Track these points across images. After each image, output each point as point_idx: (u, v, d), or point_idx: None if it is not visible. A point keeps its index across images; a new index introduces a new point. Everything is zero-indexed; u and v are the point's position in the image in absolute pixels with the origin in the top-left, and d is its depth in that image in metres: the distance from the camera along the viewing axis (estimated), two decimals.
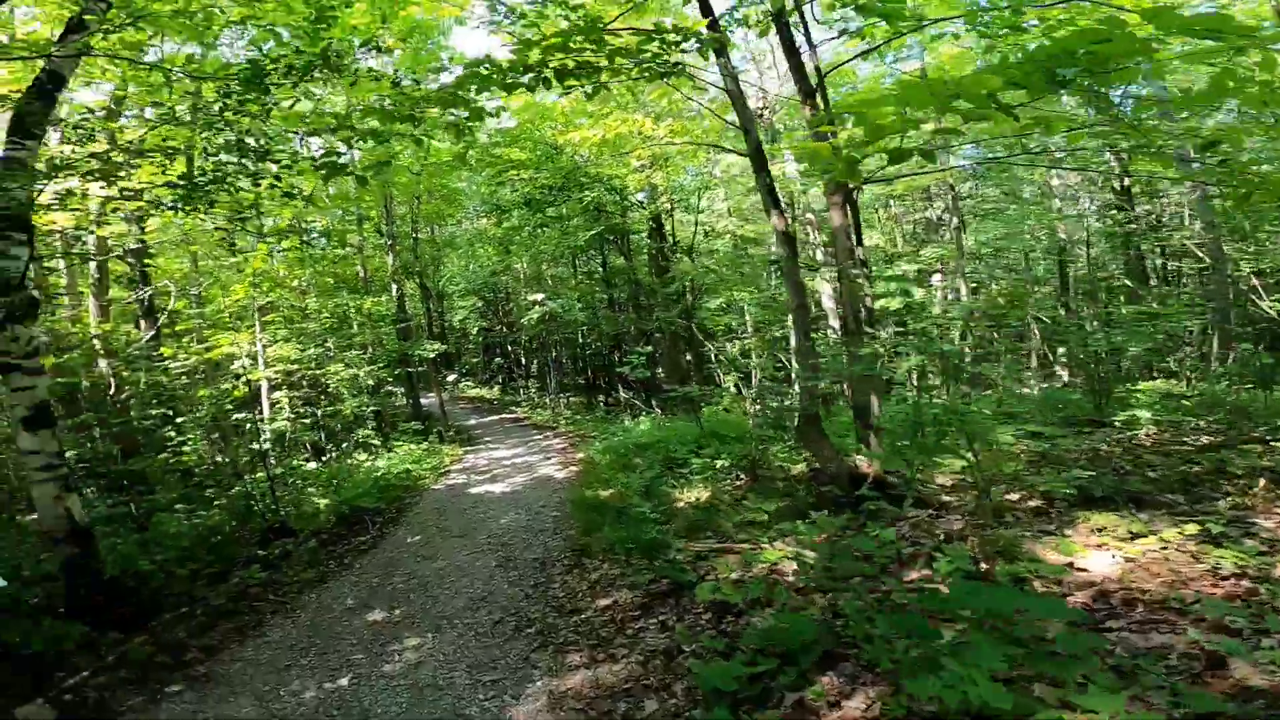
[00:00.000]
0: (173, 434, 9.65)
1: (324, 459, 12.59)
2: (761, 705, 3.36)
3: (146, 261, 12.74)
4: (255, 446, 12.86)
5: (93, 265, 11.75)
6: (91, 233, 11.08)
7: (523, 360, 30.59)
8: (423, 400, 27.66)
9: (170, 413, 10.53)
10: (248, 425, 12.70)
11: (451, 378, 32.98)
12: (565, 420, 18.14)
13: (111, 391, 11.38)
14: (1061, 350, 16.68)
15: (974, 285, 16.85)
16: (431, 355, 15.77)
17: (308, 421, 13.46)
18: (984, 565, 4.37)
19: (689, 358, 18.15)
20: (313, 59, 5.72)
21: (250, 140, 6.24)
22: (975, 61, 13.82)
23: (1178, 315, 11.70)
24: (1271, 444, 6.35)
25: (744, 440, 9.51)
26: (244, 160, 6.23)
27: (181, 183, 6.28)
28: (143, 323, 12.75)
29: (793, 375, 12.45)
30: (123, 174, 6.09)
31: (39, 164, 5.66)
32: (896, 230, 25.40)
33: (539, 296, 15.63)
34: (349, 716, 4.09)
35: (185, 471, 10.50)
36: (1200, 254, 13.70)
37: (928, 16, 7.15)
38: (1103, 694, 2.63)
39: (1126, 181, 14.09)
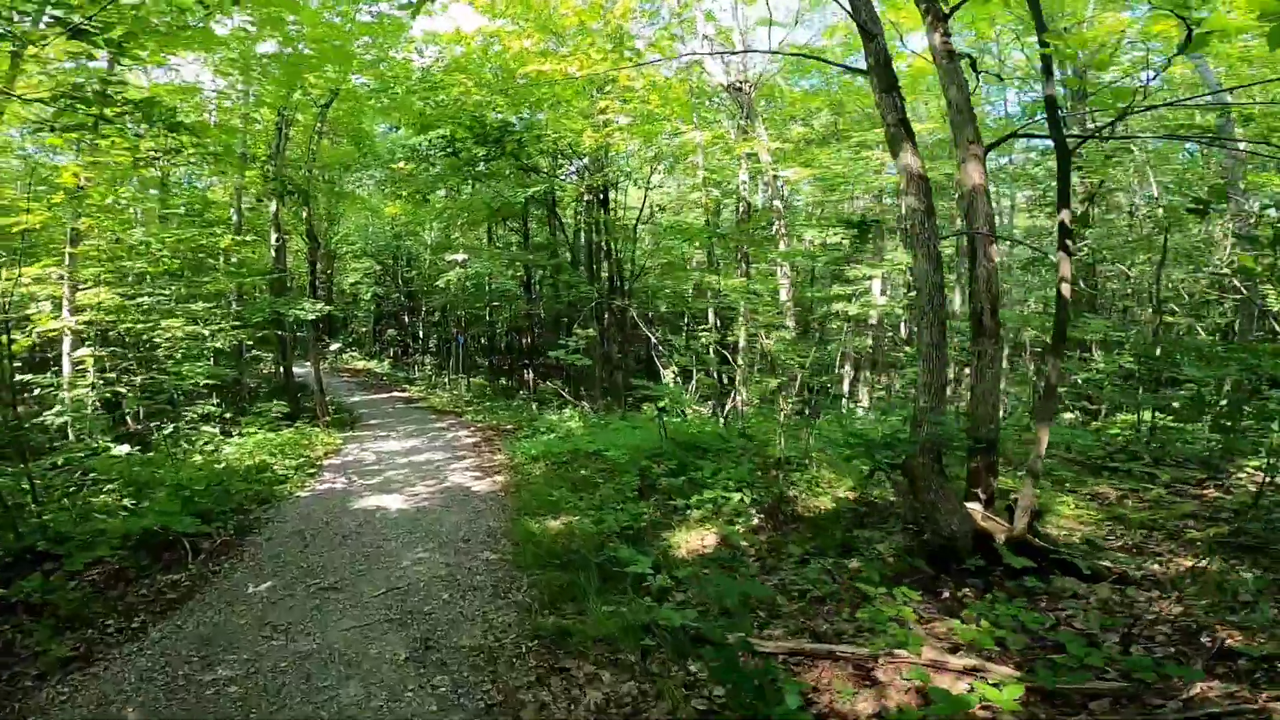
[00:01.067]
0: None
1: (148, 443, 8.97)
2: None
3: None
4: (46, 420, 9.08)
5: None
6: None
7: (420, 334, 26.81)
8: (297, 370, 23.46)
9: None
10: (37, 390, 8.97)
11: (334, 347, 28.72)
12: (472, 407, 15.05)
13: None
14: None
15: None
16: (311, 318, 12.22)
17: (125, 391, 9.72)
18: None
19: (619, 348, 15.54)
20: None
21: None
22: None
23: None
24: None
25: (731, 454, 7.05)
26: None
27: None
28: None
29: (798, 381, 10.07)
30: None
31: None
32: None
33: (460, 256, 12.47)
34: None
35: None
36: None
37: None
38: None
39: None
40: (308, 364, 26.49)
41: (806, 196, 19.02)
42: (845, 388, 17.51)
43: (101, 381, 9.35)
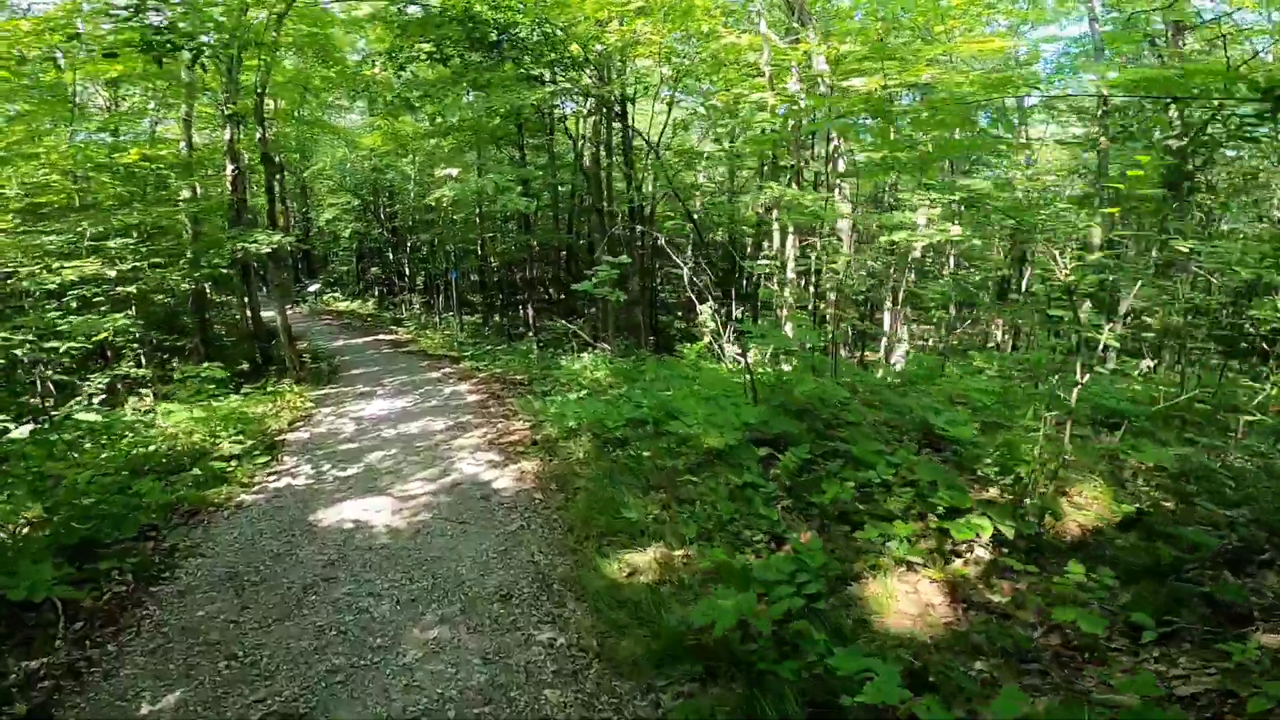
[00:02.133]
0: None
1: (40, 420, 6.42)
2: None
3: None
4: None
5: None
6: None
7: (407, 272, 23.97)
8: (270, 315, 20.78)
9: None
10: None
11: (314, 288, 25.76)
12: (469, 352, 12.57)
13: None
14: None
15: None
16: (267, 250, 9.44)
17: (21, 353, 7.12)
18: None
19: (639, 280, 12.99)
20: None
21: None
22: None
23: None
24: None
25: (881, 432, 4.71)
26: None
27: None
28: None
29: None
30: None
31: None
32: None
33: (452, 171, 9.64)
34: None
35: None
36: None
37: None
38: None
39: None
40: (286, 307, 23.81)
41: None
42: (886, 328, 15.21)
43: None
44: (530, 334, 15.65)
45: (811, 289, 10.48)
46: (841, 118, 7.04)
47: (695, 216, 13.84)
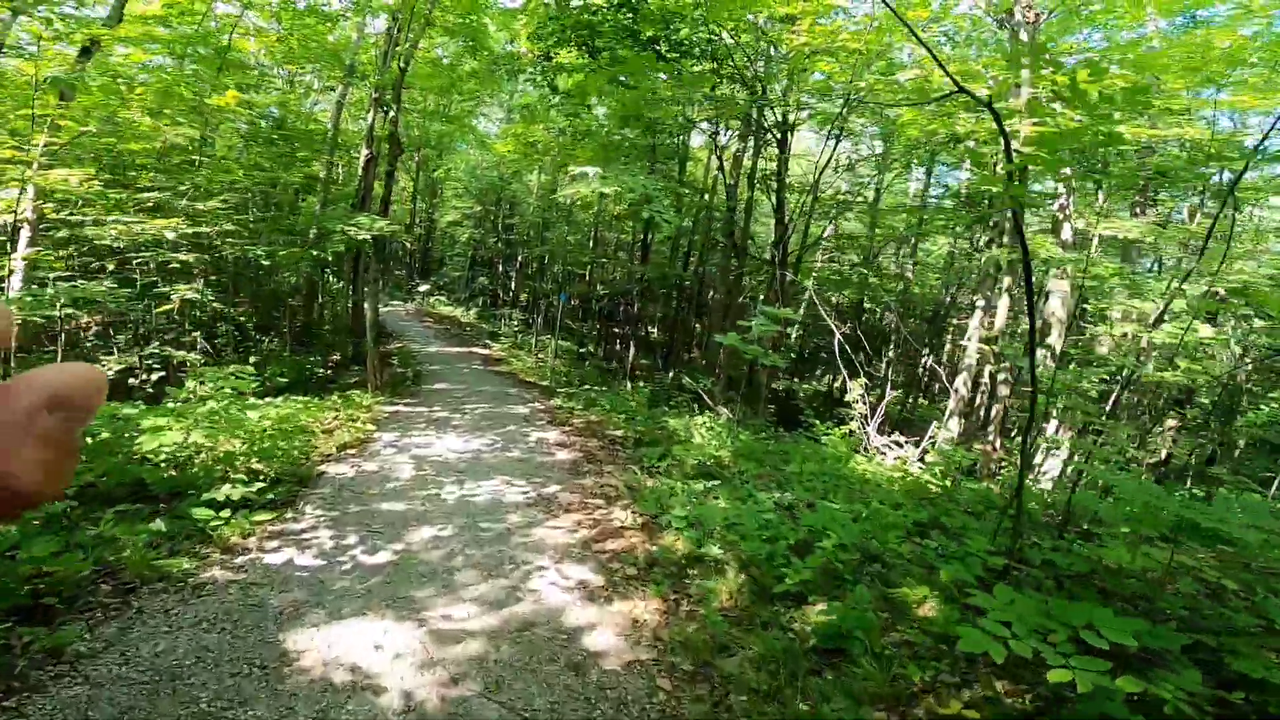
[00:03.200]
0: None
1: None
2: None
3: None
4: None
5: None
6: None
7: (513, 286, 22.86)
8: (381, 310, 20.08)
9: None
10: None
11: (424, 288, 25.21)
12: (563, 386, 10.78)
13: None
14: None
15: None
16: (364, 237, 7.96)
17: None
18: None
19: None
20: None
21: None
22: None
23: None
24: None
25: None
26: None
27: None
28: None
29: None
30: None
31: None
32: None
33: (590, 170, 7.92)
34: None
35: None
36: None
37: None
38: None
39: None
40: (395, 303, 23.20)
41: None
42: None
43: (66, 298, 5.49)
44: (626, 378, 13.75)
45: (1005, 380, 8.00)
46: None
47: (874, 282, 11.54)
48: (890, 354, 12.14)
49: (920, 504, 4.91)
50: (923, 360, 13.27)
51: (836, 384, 9.62)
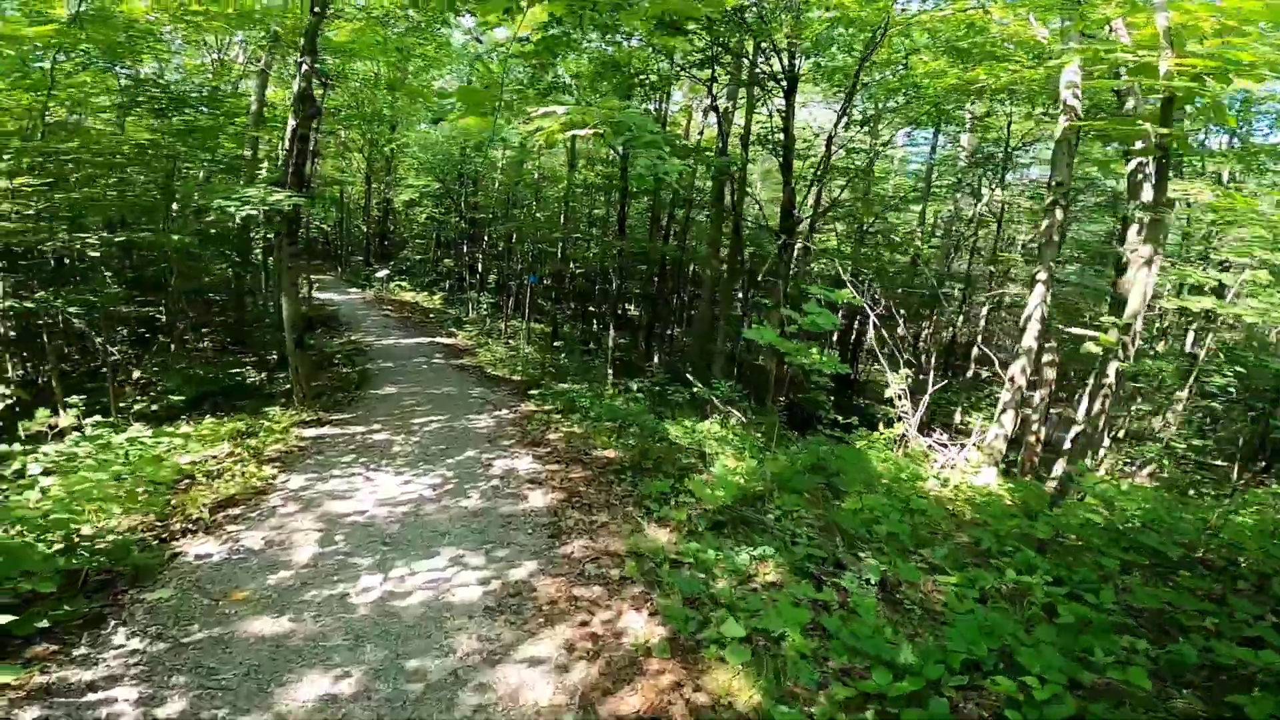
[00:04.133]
0: None
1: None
2: None
3: None
4: None
5: None
6: None
7: (480, 268, 20.82)
8: (329, 297, 17.88)
9: None
10: None
11: (383, 273, 22.95)
12: (532, 372, 8.94)
13: None
14: None
15: None
16: (251, 213, 5.93)
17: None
18: None
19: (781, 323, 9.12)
20: None
21: None
22: None
23: None
24: None
25: None
26: None
27: None
28: None
29: None
30: None
31: None
32: None
33: (558, 109, 6.09)
34: None
35: None
36: None
37: None
38: None
39: None
40: (353, 290, 20.91)
41: None
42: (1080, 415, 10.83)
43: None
44: (608, 366, 11.96)
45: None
46: None
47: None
48: (927, 332, 10.56)
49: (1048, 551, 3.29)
50: (946, 337, 11.78)
51: (859, 372, 8.01)
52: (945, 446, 6.64)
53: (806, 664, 2.55)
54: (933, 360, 8.84)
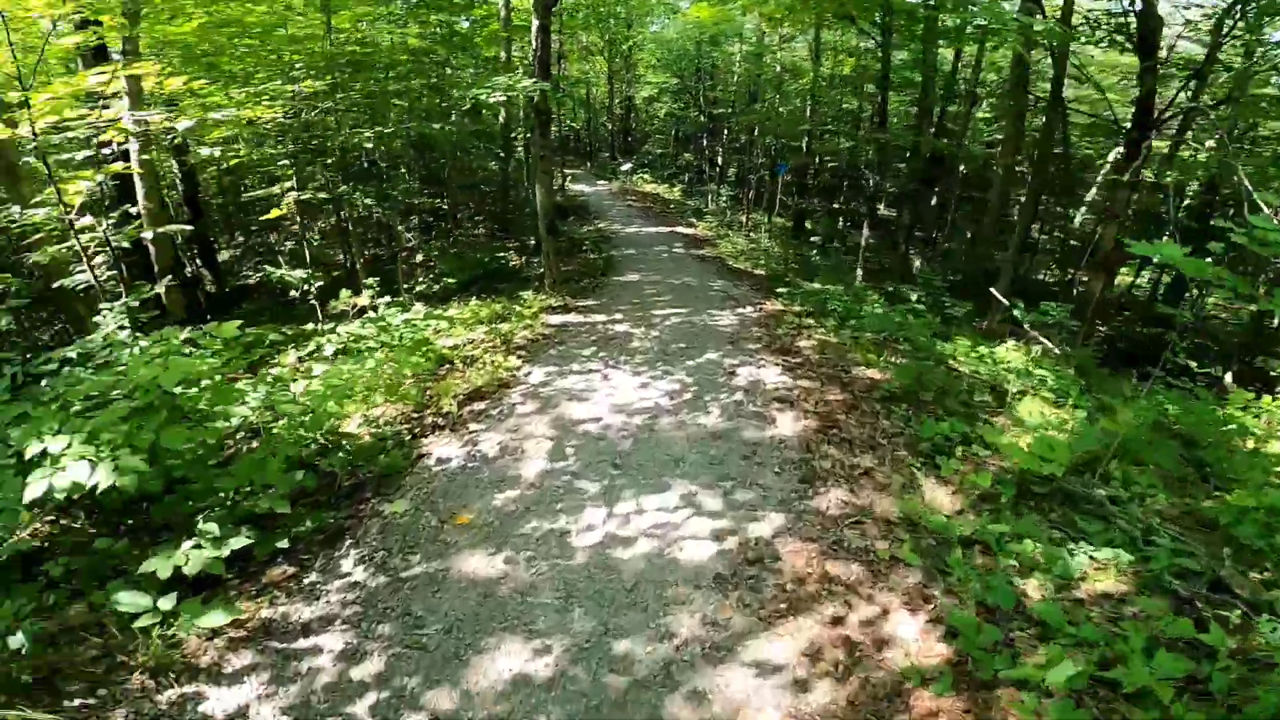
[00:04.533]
0: None
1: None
2: None
3: None
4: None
5: None
6: None
7: (720, 160, 19.79)
8: (580, 189, 18.24)
9: None
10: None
11: (626, 166, 23.16)
12: (785, 280, 8.01)
13: None
14: None
15: None
16: (525, 93, 5.78)
17: None
18: None
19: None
20: None
21: None
22: None
23: None
24: None
25: None
26: None
27: None
28: None
29: None
30: None
31: None
32: None
33: None
34: None
35: None
36: None
37: None
38: None
39: None
40: (601, 183, 21.48)
41: None
42: None
43: None
44: (858, 268, 10.48)
45: None
46: None
47: None
48: None
49: None
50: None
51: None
52: None
53: None
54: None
